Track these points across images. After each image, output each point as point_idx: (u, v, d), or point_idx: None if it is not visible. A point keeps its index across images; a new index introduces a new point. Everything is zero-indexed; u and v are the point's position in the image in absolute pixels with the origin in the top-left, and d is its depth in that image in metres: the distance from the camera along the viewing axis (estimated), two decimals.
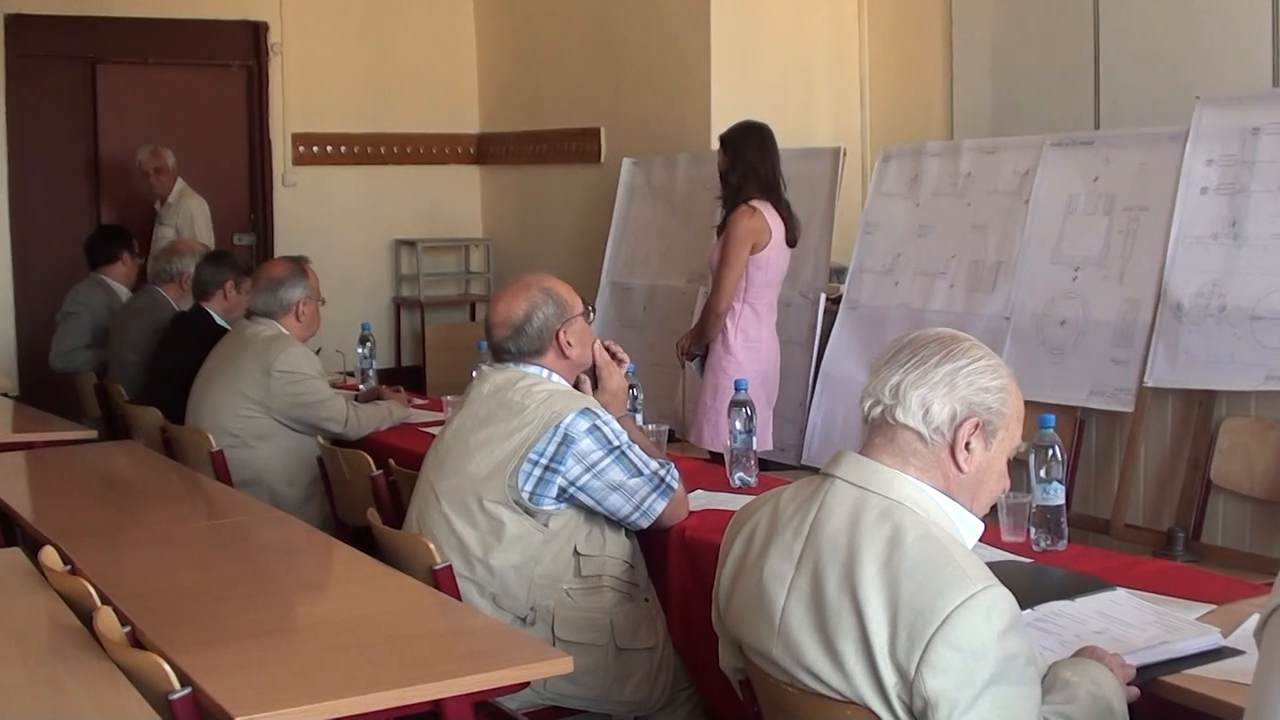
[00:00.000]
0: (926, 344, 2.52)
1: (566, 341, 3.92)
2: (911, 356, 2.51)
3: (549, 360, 3.91)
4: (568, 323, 3.92)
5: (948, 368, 2.48)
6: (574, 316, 3.95)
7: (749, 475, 4.36)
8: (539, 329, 3.89)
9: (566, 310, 3.93)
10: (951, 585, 2.30)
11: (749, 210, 6.11)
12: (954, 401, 2.47)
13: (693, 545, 3.81)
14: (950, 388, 2.47)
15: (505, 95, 10.66)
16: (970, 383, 2.48)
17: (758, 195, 6.15)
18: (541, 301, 3.91)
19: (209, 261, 6.41)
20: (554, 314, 3.91)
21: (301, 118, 10.37)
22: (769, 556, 2.56)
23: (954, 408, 2.47)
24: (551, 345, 3.91)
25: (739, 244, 6.09)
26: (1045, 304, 6.08)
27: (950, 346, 2.51)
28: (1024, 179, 6.33)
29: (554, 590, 3.73)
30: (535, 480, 3.69)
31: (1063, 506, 3.51)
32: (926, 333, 2.56)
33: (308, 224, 10.33)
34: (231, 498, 4.68)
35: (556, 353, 3.91)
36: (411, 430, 5.58)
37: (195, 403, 5.59)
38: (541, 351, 3.90)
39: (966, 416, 2.48)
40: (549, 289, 3.94)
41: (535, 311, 3.89)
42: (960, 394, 2.47)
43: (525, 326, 3.89)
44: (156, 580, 3.58)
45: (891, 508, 2.44)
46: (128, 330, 6.87)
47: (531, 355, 3.90)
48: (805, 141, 7.94)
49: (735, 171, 6.20)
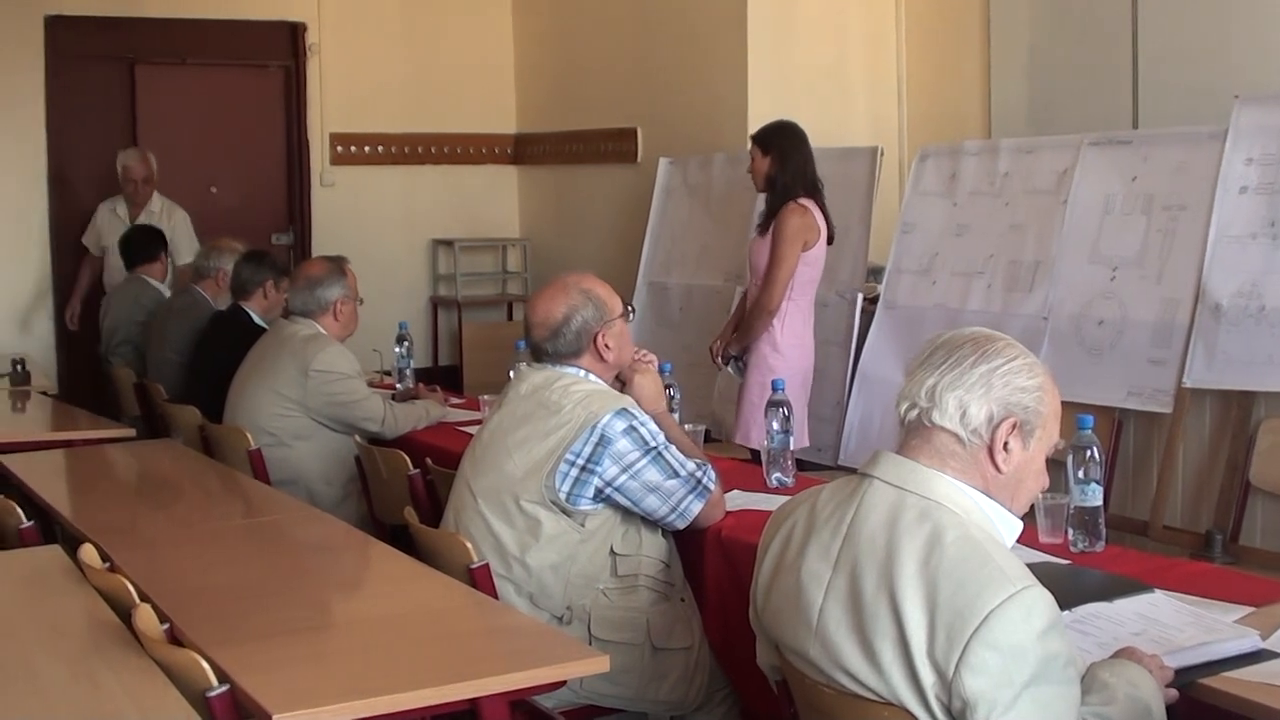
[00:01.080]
0: (961, 345, 2.51)
1: (605, 344, 3.91)
2: (947, 358, 2.49)
3: (586, 362, 3.91)
4: (607, 325, 3.91)
5: (983, 368, 2.47)
6: (613, 319, 3.93)
7: (786, 475, 4.36)
8: (577, 331, 3.88)
9: (605, 312, 3.92)
10: (991, 585, 2.29)
11: (800, 208, 6.13)
12: (991, 402, 2.46)
13: (729, 545, 3.81)
14: (987, 388, 2.46)
15: (542, 96, 10.67)
16: (1006, 383, 2.46)
17: (804, 194, 6.18)
18: (581, 304, 3.89)
19: (248, 261, 6.43)
20: (593, 316, 3.89)
21: (339, 118, 10.41)
22: (806, 556, 2.55)
23: (991, 409, 2.46)
24: (589, 348, 3.90)
25: (792, 241, 6.11)
26: (1083, 304, 6.06)
27: (985, 346, 2.50)
28: (1062, 178, 6.31)
29: (590, 590, 3.73)
30: (572, 480, 3.69)
31: (1100, 508, 3.49)
32: (961, 333, 2.55)
33: (345, 224, 10.35)
34: (269, 496, 4.69)
35: (594, 355, 3.91)
36: (448, 429, 5.59)
37: (233, 402, 5.61)
38: (579, 353, 3.90)
39: (1004, 417, 2.46)
40: (588, 290, 3.93)
41: (574, 314, 3.87)
42: (997, 394, 2.46)
43: (563, 329, 3.88)
44: (195, 578, 3.60)
45: (930, 508, 2.43)
46: (167, 329, 6.91)
47: (569, 357, 3.89)
48: (842, 141, 7.92)
49: (787, 171, 6.21)
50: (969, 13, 8.30)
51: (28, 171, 9.55)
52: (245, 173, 10.23)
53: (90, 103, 9.74)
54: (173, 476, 5.11)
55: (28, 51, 9.50)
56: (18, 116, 9.48)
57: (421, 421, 5.61)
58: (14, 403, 6.83)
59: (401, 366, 6.42)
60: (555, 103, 10.48)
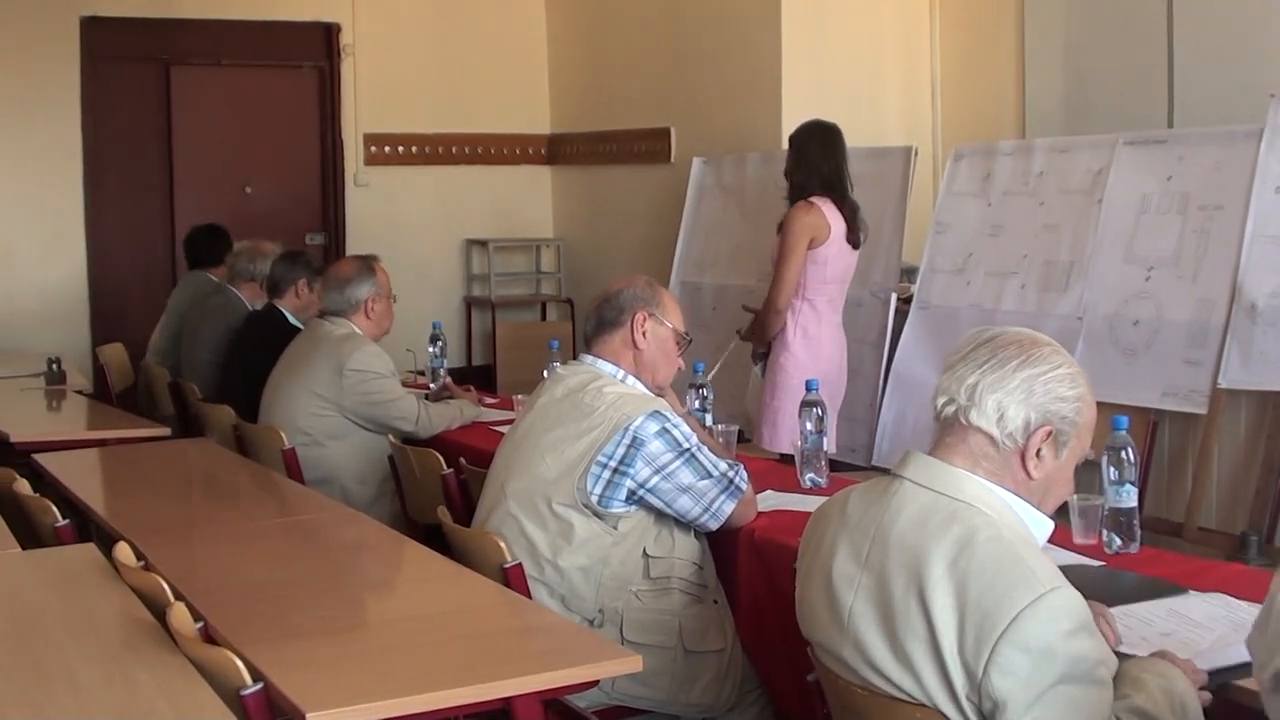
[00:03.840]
0: (1006, 345, 2.50)
1: (641, 331, 3.92)
2: (990, 357, 2.49)
3: (619, 343, 3.93)
4: (652, 315, 3.94)
5: (1026, 373, 2.46)
6: (663, 316, 3.97)
7: (819, 476, 4.35)
8: (626, 301, 3.95)
9: (658, 306, 3.98)
10: (1019, 586, 2.29)
11: (806, 205, 6.09)
12: (1030, 408, 2.46)
13: (762, 546, 3.81)
14: (1027, 394, 2.46)
15: (576, 96, 10.69)
16: (1048, 391, 2.46)
17: (819, 192, 6.14)
18: (641, 284, 3.99)
19: (283, 260, 6.45)
20: (644, 296, 3.96)
21: (373, 118, 10.44)
22: (837, 557, 2.56)
23: (1029, 415, 2.46)
24: (626, 324, 3.93)
25: (796, 238, 6.06)
26: (1118, 304, 6.04)
27: (1030, 351, 2.49)
28: (1097, 178, 6.29)
29: (622, 592, 3.73)
30: (604, 483, 3.69)
31: (1135, 509, 3.48)
32: (1006, 333, 2.54)
33: (379, 223, 10.40)
34: (303, 495, 4.70)
35: (626, 336, 3.93)
36: (482, 429, 5.60)
37: (268, 401, 5.63)
38: (616, 325, 3.93)
39: (1040, 424, 2.46)
40: (654, 284, 4.03)
41: (631, 287, 3.97)
42: (1037, 401, 2.46)
43: (615, 296, 3.97)
44: (229, 576, 3.62)
45: (960, 509, 2.43)
46: (201, 330, 6.92)
47: (605, 330, 3.94)
48: (876, 141, 7.91)
49: (799, 171, 6.20)
50: (1003, 12, 8.28)
51: (63, 173, 9.61)
52: (280, 173, 10.27)
53: (125, 104, 9.81)
54: (207, 476, 5.13)
55: (63, 53, 9.56)
56: (53, 118, 9.55)
57: (455, 421, 5.62)
58: (50, 402, 6.87)
59: (435, 366, 6.43)
60: (588, 103, 10.50)
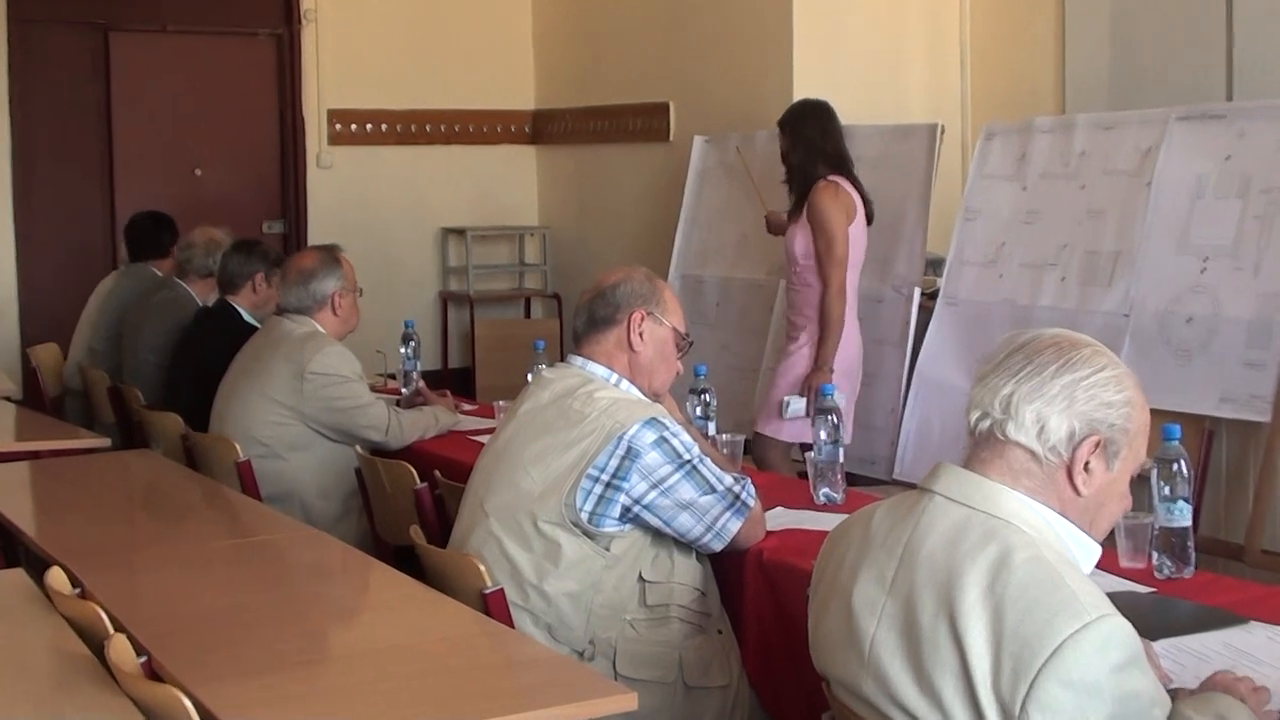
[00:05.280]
0: (1043, 349, 2.50)
1: (639, 331, 3.92)
2: (1026, 364, 2.48)
3: (612, 344, 3.92)
4: (651, 314, 3.94)
5: (1067, 379, 2.46)
6: (662, 315, 3.96)
7: (835, 491, 4.33)
8: (622, 297, 3.94)
9: (658, 303, 3.96)
10: (1063, 613, 2.29)
11: (831, 185, 6.30)
12: (1073, 418, 2.45)
13: (771, 569, 3.80)
14: (1069, 402, 2.45)
15: (564, 67, 10.68)
16: (1091, 397, 2.45)
17: (828, 171, 6.27)
18: (639, 279, 3.99)
19: (236, 251, 6.43)
20: (641, 293, 3.95)
21: (338, 92, 10.43)
22: (859, 581, 2.55)
23: (1073, 425, 2.45)
24: (622, 324, 3.92)
25: (837, 221, 6.30)
26: (1170, 299, 6.03)
27: (1069, 354, 2.48)
28: (1146, 158, 6.29)
29: (616, 621, 3.72)
30: (596, 499, 3.69)
31: (1189, 529, 3.47)
32: (1042, 335, 2.54)
33: (345, 210, 10.39)
34: (260, 513, 4.70)
35: (621, 337, 3.92)
36: (459, 439, 5.60)
37: (221, 408, 5.62)
38: (610, 323, 3.92)
39: (1086, 435, 2.45)
40: (654, 278, 4.02)
41: (628, 281, 3.96)
42: (1080, 409, 2.45)
43: (609, 291, 3.95)
44: (176, 605, 3.61)
45: (997, 526, 2.42)
46: (144, 328, 6.90)
47: (598, 328, 3.93)
48: (898, 118, 7.91)
49: (796, 152, 6.36)
50: None
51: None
52: (233, 154, 10.27)
53: (58, 75, 9.78)
54: (152, 492, 5.13)
55: None
56: None
57: (429, 430, 5.62)
58: None
59: (407, 369, 6.43)
60: (578, 75, 10.49)
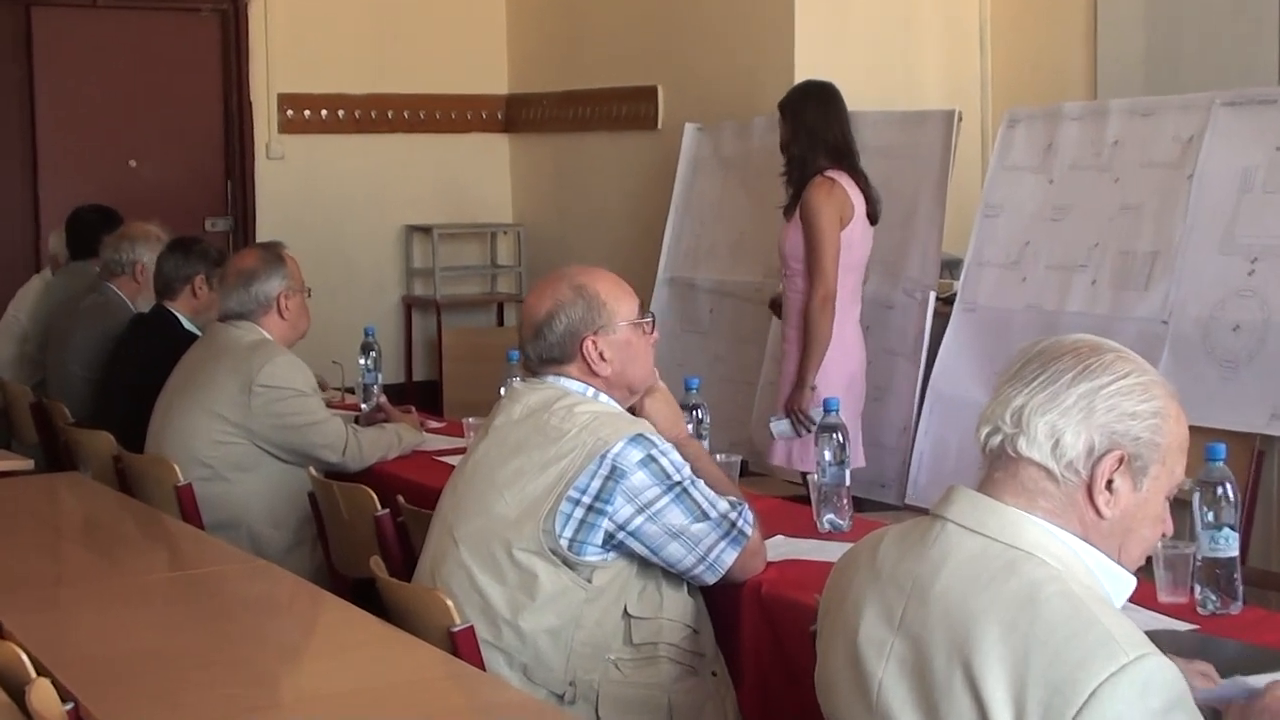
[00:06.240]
0: (1060, 356, 2.48)
1: (597, 354, 3.89)
2: (1041, 372, 2.47)
3: (576, 373, 3.91)
4: (601, 330, 3.91)
5: (1084, 387, 2.44)
6: (611, 324, 3.92)
7: (841, 517, 4.33)
8: (561, 334, 3.88)
9: (600, 315, 3.91)
10: (1097, 654, 2.28)
11: (826, 182, 6.30)
12: (1091, 430, 2.44)
13: (770, 604, 3.80)
14: (1086, 413, 2.43)
15: (540, 47, 10.69)
16: (1112, 406, 2.44)
17: (829, 164, 6.26)
18: (569, 300, 3.90)
19: (174, 252, 6.41)
20: (581, 317, 3.89)
21: (290, 75, 10.42)
22: (864, 619, 2.55)
23: (1091, 438, 2.44)
24: (577, 355, 3.90)
25: (828, 221, 6.26)
26: (1214, 305, 6.04)
27: (1088, 360, 2.47)
28: (1187, 148, 6.30)
29: (599, 661, 3.72)
30: (576, 524, 3.68)
31: (1236, 559, 3.48)
32: (1062, 341, 2.53)
33: (297, 206, 10.37)
34: (202, 543, 4.69)
35: (583, 366, 3.90)
36: (425, 459, 5.60)
37: (158, 426, 5.61)
38: (564, 360, 3.90)
39: (1107, 449, 2.44)
40: (582, 286, 3.92)
41: (560, 311, 3.89)
42: (1099, 421, 2.44)
43: (545, 329, 3.89)
44: (106, 646, 3.59)
45: (1018, 559, 2.41)
46: (71, 337, 6.88)
47: (554, 365, 3.90)
48: (911, 103, 7.92)
49: (798, 141, 6.35)
50: None
51: None
52: (172, 143, 10.26)
53: None
54: (80, 519, 5.12)
55: None
56: None
57: (392, 450, 5.62)
58: None
59: (367, 382, 6.43)
60: (556, 55, 10.50)
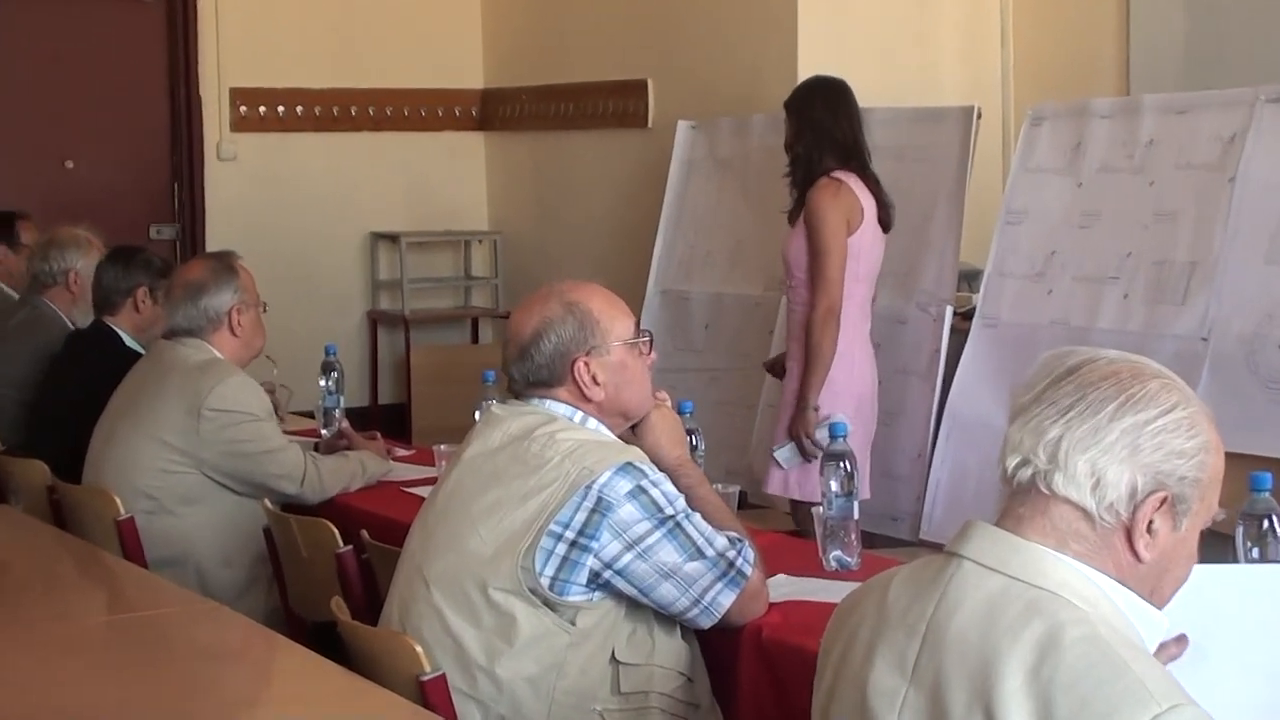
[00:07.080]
0: (1097, 382, 2.46)
1: (590, 377, 3.88)
2: (1078, 399, 2.44)
3: (565, 397, 3.90)
4: (593, 351, 3.90)
5: (1128, 421, 2.42)
6: (604, 345, 3.92)
7: (849, 554, 4.32)
8: (550, 355, 3.88)
9: (592, 334, 3.90)
10: (1127, 703, 2.27)
11: (832, 184, 6.27)
12: (1135, 470, 2.41)
13: (771, 650, 3.80)
14: (1132, 450, 2.41)
15: (519, 38, 10.70)
16: (1160, 445, 2.42)
17: (837, 165, 6.24)
18: (559, 318, 3.89)
19: (114, 262, 6.38)
20: (572, 337, 3.88)
21: (243, 68, 10.42)
22: (874, 666, 2.54)
23: (1135, 479, 2.42)
24: (568, 378, 3.90)
25: (834, 226, 6.23)
26: (1259, 320, 6.04)
27: (1130, 389, 2.44)
28: (1228, 148, 6.30)
29: (583, 712, 3.71)
30: (559, 561, 3.68)
31: None
32: (1096, 361, 2.50)
33: (251, 212, 10.36)
34: (145, 583, 4.69)
35: (574, 390, 3.90)
36: (392, 491, 5.59)
37: (97, 453, 5.61)
38: (553, 384, 3.90)
39: (1151, 490, 2.42)
40: (574, 304, 3.92)
41: (547, 331, 3.88)
42: (1145, 460, 2.41)
43: (532, 349, 3.89)
44: (37, 697, 3.58)
45: (1042, 599, 2.41)
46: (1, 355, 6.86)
47: (542, 388, 3.90)
48: (925, 100, 7.93)
49: (804, 139, 6.33)
50: None
51: None
52: (113, 142, 10.25)
53: None
54: (10, 556, 5.11)
55: None
56: None
57: (355, 480, 5.60)
58: None
59: (328, 405, 6.43)
60: (536, 47, 10.51)
